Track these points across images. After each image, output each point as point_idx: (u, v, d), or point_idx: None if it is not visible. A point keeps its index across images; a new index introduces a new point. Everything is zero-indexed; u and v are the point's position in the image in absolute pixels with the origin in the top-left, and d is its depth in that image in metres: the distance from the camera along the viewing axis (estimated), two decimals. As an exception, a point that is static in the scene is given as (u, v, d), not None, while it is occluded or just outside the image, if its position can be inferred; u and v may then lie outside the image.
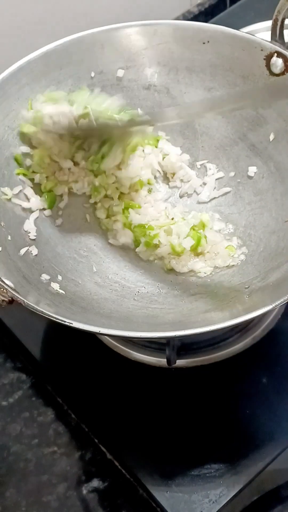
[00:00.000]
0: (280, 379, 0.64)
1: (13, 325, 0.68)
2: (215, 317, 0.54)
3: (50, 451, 0.62)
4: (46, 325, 0.68)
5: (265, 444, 0.59)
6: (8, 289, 0.50)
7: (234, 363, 0.64)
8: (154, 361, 0.64)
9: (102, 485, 0.60)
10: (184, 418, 0.61)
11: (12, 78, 0.62)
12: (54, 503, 0.59)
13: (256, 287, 0.57)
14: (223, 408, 0.62)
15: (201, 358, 0.65)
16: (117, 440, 0.61)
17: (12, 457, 0.61)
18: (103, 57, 0.66)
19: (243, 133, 0.67)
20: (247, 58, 0.64)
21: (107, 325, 0.54)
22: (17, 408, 0.64)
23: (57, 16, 0.85)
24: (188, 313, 0.57)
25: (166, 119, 0.62)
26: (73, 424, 0.63)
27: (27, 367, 0.67)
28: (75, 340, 0.66)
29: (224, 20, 0.96)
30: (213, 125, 0.68)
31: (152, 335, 0.51)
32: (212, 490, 0.57)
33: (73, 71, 0.65)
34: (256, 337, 0.66)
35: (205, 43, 0.65)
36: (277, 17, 0.63)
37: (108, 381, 0.64)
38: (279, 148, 0.64)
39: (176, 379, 0.63)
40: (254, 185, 0.66)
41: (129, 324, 0.57)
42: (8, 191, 0.60)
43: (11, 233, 0.58)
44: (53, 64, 0.64)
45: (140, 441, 0.60)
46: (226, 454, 0.59)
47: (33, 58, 0.63)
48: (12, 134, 0.62)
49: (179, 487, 0.58)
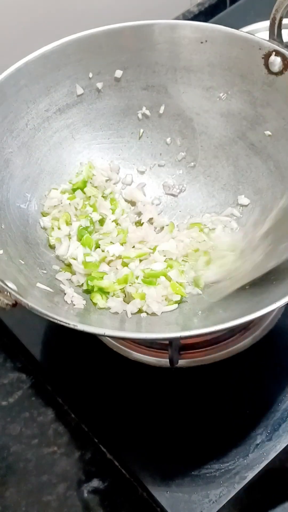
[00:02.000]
0: (280, 379, 0.63)
1: (13, 325, 0.68)
2: (218, 317, 0.54)
3: (50, 451, 0.62)
4: (46, 325, 0.68)
5: (265, 444, 0.59)
6: (12, 292, 0.50)
7: (234, 363, 0.64)
8: (154, 361, 0.64)
9: (102, 485, 0.60)
10: (184, 418, 0.61)
11: (10, 80, 0.62)
12: (54, 503, 0.59)
13: (258, 287, 0.56)
14: (223, 408, 0.62)
15: (201, 358, 0.64)
16: (117, 440, 0.61)
17: (12, 457, 0.62)
18: (101, 57, 0.66)
19: (242, 132, 0.67)
20: (246, 57, 0.64)
21: (110, 326, 0.54)
22: (17, 408, 0.65)
23: (55, 17, 0.85)
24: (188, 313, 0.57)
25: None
26: (73, 424, 0.64)
27: (27, 367, 0.67)
28: (75, 340, 0.66)
29: (224, 20, 0.95)
30: (212, 124, 0.68)
31: (156, 336, 0.51)
32: (212, 490, 0.57)
33: (71, 72, 0.65)
34: (256, 336, 0.66)
35: (203, 43, 0.65)
36: (275, 16, 0.63)
37: (108, 381, 0.64)
38: (278, 146, 0.64)
39: (176, 379, 0.63)
40: (254, 184, 0.66)
41: (132, 325, 0.57)
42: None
43: (11, 235, 0.59)
44: (51, 65, 0.64)
45: (140, 441, 0.60)
46: (226, 454, 0.59)
47: (31, 59, 0.63)
48: (11, 136, 0.62)
49: (179, 487, 0.58)
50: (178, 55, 0.66)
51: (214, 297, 0.58)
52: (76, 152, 0.67)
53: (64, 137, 0.67)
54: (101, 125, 0.68)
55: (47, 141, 0.65)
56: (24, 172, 0.63)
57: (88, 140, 0.68)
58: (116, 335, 0.50)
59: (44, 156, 0.65)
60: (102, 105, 0.68)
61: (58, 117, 0.66)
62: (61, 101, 0.66)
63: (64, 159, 0.67)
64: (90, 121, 0.67)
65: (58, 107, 0.66)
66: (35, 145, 0.64)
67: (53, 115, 0.66)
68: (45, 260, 0.61)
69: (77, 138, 0.67)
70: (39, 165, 0.65)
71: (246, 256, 0.61)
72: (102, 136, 0.68)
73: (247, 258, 0.61)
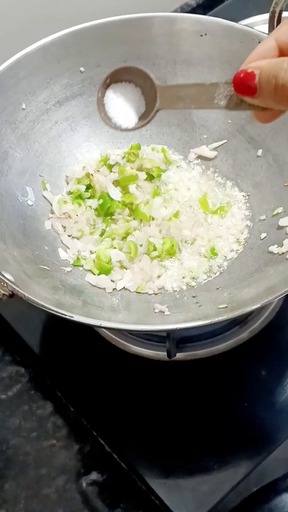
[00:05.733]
0: (278, 372, 0.64)
1: (12, 319, 0.68)
2: (215, 309, 0.54)
3: (49, 444, 0.62)
4: (44, 319, 0.68)
5: (263, 437, 0.60)
6: (9, 283, 0.50)
7: (232, 357, 0.64)
8: (152, 354, 0.64)
9: (101, 478, 0.60)
10: (182, 411, 0.61)
11: (10, 72, 0.62)
12: (53, 495, 0.59)
13: (255, 279, 0.57)
14: (222, 401, 0.62)
15: (200, 352, 0.65)
16: (116, 433, 0.61)
17: (11, 450, 0.62)
18: (100, 50, 0.66)
19: (241, 126, 0.67)
20: (245, 50, 0.62)
21: (107, 318, 0.54)
22: (16, 402, 0.64)
23: (55, 9, 0.85)
24: (186, 306, 0.57)
25: None
26: (72, 417, 0.64)
27: (26, 361, 0.67)
28: (74, 334, 0.66)
29: (222, 13, 0.95)
30: (211, 118, 0.68)
31: (153, 328, 0.51)
32: (210, 483, 0.57)
33: (71, 64, 0.65)
34: (254, 330, 0.66)
35: (203, 36, 0.65)
36: (274, 9, 0.63)
37: (107, 374, 0.64)
38: (277, 140, 0.64)
39: (174, 373, 0.64)
40: (253, 177, 0.66)
41: (129, 317, 0.57)
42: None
43: (9, 226, 0.59)
44: (51, 57, 0.64)
45: (139, 434, 0.60)
46: (224, 447, 0.59)
47: (30, 51, 0.63)
48: (10, 128, 0.62)
49: (177, 479, 0.58)
50: (177, 47, 0.66)
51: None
52: (75, 145, 0.67)
53: (63, 130, 0.67)
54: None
55: (46, 133, 0.65)
56: (23, 164, 0.63)
57: (87, 132, 0.68)
58: (112, 326, 0.49)
59: (43, 149, 0.65)
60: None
61: (58, 110, 0.66)
62: (61, 93, 0.65)
63: (63, 151, 0.67)
64: (89, 113, 0.67)
65: (57, 99, 0.65)
66: (34, 137, 0.64)
67: (53, 108, 0.65)
68: (43, 252, 0.61)
69: (76, 130, 0.67)
70: (38, 157, 0.64)
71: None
72: (101, 128, 0.68)
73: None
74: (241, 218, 0.64)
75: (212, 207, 0.65)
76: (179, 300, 0.59)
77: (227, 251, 0.62)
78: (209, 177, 0.68)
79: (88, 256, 0.62)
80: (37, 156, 0.64)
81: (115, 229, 0.63)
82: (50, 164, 0.65)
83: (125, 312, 0.58)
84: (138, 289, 0.60)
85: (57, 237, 0.63)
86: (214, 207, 0.65)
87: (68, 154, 0.67)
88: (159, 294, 0.60)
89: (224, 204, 0.65)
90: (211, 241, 0.62)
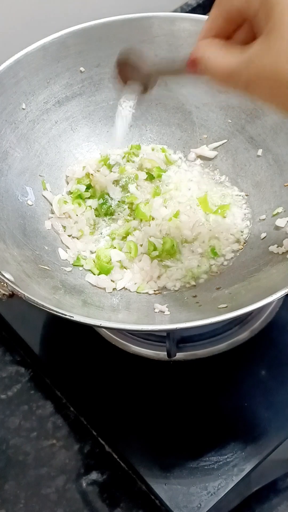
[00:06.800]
0: (278, 372, 0.64)
1: (12, 319, 0.68)
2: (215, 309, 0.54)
3: (49, 444, 0.62)
4: (44, 318, 0.68)
5: (263, 437, 0.60)
6: (9, 283, 0.50)
7: (232, 357, 0.64)
8: (152, 354, 0.64)
9: (101, 478, 0.60)
10: (182, 411, 0.61)
11: (10, 72, 0.62)
12: (53, 495, 0.59)
13: (255, 279, 0.57)
14: (222, 401, 0.62)
15: (200, 351, 0.65)
16: (116, 433, 0.61)
17: (11, 450, 0.62)
18: (100, 50, 0.66)
19: (241, 126, 0.67)
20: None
21: (107, 318, 0.54)
22: (16, 401, 0.64)
23: (54, 9, 0.85)
24: (186, 305, 0.57)
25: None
26: (71, 417, 0.64)
27: (26, 360, 0.67)
28: (74, 334, 0.66)
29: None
30: (211, 118, 0.68)
31: (153, 327, 0.51)
32: (210, 483, 0.57)
33: (71, 64, 0.65)
34: (254, 329, 0.66)
35: (203, 35, 0.65)
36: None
37: (107, 374, 0.64)
38: (277, 140, 0.64)
39: (174, 372, 0.64)
40: (253, 177, 0.66)
41: (129, 317, 0.57)
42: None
43: (9, 226, 0.59)
44: (51, 57, 0.64)
45: (139, 434, 0.60)
46: (224, 447, 0.59)
47: (30, 51, 0.63)
48: (10, 128, 0.62)
49: (177, 479, 0.58)
50: (177, 47, 0.66)
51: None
52: (75, 145, 0.67)
53: (63, 130, 0.67)
54: (100, 117, 0.68)
55: (46, 133, 0.65)
56: (23, 164, 0.63)
57: (87, 132, 0.68)
58: (112, 326, 0.49)
59: (43, 148, 0.65)
60: (101, 98, 0.68)
61: (58, 110, 0.66)
62: (60, 93, 0.66)
63: (63, 151, 0.67)
64: (89, 113, 0.67)
65: (57, 99, 0.66)
66: (34, 137, 0.64)
67: (52, 107, 0.65)
68: (43, 252, 0.61)
69: (76, 130, 0.67)
70: (38, 157, 0.65)
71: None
72: (101, 128, 0.68)
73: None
74: (241, 218, 0.64)
75: (212, 207, 0.65)
76: (179, 300, 0.59)
77: (227, 251, 0.62)
78: (209, 177, 0.68)
79: (88, 256, 0.63)
80: (37, 156, 0.64)
81: (115, 229, 0.63)
82: (50, 164, 0.65)
83: (125, 312, 0.58)
84: (138, 289, 0.60)
85: (57, 237, 0.63)
86: (214, 207, 0.65)
87: (68, 154, 0.67)
88: (159, 294, 0.60)
89: (224, 204, 0.65)
90: (211, 241, 0.63)
